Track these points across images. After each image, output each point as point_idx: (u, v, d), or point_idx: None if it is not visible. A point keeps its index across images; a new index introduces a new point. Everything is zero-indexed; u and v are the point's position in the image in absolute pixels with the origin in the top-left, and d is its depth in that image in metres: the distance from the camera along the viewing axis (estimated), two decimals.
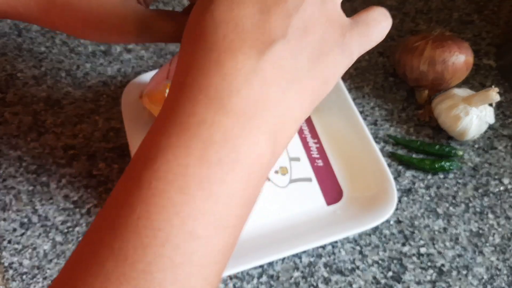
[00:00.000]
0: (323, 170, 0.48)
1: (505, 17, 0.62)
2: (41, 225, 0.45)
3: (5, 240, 0.45)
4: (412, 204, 0.47)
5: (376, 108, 0.53)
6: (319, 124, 0.51)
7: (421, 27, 0.60)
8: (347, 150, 0.48)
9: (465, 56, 0.50)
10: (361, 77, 0.56)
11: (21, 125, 0.52)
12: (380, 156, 0.45)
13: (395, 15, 0.61)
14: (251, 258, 0.40)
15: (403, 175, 0.49)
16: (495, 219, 0.46)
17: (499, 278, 0.43)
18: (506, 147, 0.51)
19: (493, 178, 0.49)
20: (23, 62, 0.57)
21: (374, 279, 0.43)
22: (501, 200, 0.47)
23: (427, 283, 0.43)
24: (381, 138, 0.51)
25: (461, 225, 0.46)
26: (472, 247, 0.45)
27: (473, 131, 0.49)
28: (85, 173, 0.48)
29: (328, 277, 0.43)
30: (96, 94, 0.54)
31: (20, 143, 0.50)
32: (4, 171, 0.49)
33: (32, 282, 0.42)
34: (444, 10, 0.62)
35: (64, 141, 0.51)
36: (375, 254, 0.44)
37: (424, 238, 0.45)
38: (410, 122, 0.52)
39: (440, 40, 0.50)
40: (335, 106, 0.50)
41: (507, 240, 0.45)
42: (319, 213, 0.45)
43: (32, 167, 0.49)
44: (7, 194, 0.47)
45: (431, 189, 0.48)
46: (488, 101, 0.47)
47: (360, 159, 0.47)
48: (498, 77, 0.56)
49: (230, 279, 0.43)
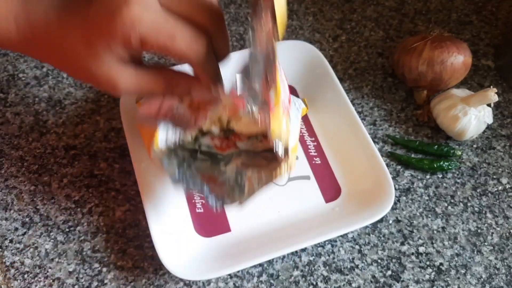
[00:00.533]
0: (321, 168, 0.48)
1: (504, 18, 0.62)
2: (43, 224, 0.46)
3: (7, 239, 0.45)
4: (411, 204, 0.47)
5: (375, 108, 0.54)
6: (316, 122, 0.51)
7: (420, 28, 0.61)
8: (344, 147, 0.49)
9: (464, 57, 0.50)
10: (360, 78, 0.56)
11: (22, 125, 0.52)
12: (377, 152, 0.46)
13: (394, 16, 0.62)
14: (251, 257, 0.41)
15: (402, 175, 0.49)
16: (493, 218, 0.47)
17: (498, 277, 0.43)
18: (504, 147, 0.51)
19: (491, 178, 0.49)
20: (25, 63, 0.57)
21: (373, 278, 0.43)
22: (500, 200, 0.48)
23: (425, 282, 0.43)
24: (380, 138, 0.52)
25: (459, 224, 0.46)
26: (470, 246, 0.45)
27: (472, 131, 0.49)
28: (86, 173, 0.49)
29: (327, 276, 0.43)
30: (97, 95, 0.54)
31: (21, 143, 0.51)
32: (6, 171, 0.49)
33: (33, 281, 0.43)
34: (443, 11, 0.63)
35: (65, 141, 0.51)
36: (374, 253, 0.44)
37: (422, 237, 0.45)
38: (409, 122, 0.53)
39: (438, 41, 0.50)
40: (331, 104, 0.50)
41: (505, 240, 0.45)
42: (317, 210, 0.45)
43: (34, 167, 0.49)
44: (9, 193, 0.48)
45: (429, 188, 0.48)
46: (486, 101, 0.48)
47: (357, 156, 0.47)
48: (497, 77, 0.56)
49: (230, 278, 0.43)
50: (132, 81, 0.35)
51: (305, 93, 0.53)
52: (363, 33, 0.60)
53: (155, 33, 0.32)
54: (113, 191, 0.48)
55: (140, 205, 0.46)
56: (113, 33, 0.32)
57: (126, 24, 0.32)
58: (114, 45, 0.33)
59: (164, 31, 0.32)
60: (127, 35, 0.32)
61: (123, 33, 0.32)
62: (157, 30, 0.32)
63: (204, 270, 0.40)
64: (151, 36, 0.32)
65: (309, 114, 0.51)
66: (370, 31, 0.60)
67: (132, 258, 0.44)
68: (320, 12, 0.63)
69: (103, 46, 0.33)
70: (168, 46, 0.33)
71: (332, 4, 0.64)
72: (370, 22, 0.61)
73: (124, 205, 0.47)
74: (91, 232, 0.45)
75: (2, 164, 0.49)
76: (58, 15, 0.35)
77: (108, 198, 0.47)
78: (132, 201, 0.47)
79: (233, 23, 0.61)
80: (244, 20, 0.62)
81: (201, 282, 0.42)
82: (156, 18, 0.32)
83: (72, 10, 0.34)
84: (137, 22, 0.32)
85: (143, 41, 0.32)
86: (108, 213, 0.46)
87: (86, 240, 0.45)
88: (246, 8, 0.63)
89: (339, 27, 0.61)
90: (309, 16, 0.62)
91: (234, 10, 0.63)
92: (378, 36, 0.60)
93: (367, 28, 0.61)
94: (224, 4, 0.63)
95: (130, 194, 0.47)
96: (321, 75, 0.52)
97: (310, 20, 0.62)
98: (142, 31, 0.32)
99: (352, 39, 0.60)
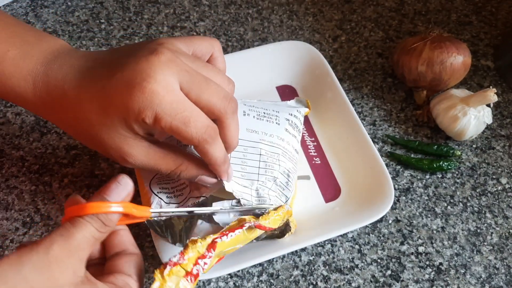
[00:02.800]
0: (321, 168, 0.48)
1: (503, 18, 0.62)
2: (43, 224, 0.46)
3: (8, 239, 0.45)
4: (411, 204, 0.47)
5: (375, 109, 0.54)
6: (316, 123, 0.51)
7: (420, 28, 0.61)
8: (344, 148, 0.49)
9: (463, 57, 0.50)
10: (360, 78, 0.56)
11: (23, 125, 0.52)
12: (376, 152, 0.46)
13: (393, 16, 0.62)
14: (251, 256, 0.41)
15: (401, 175, 0.49)
16: (493, 218, 0.47)
17: (497, 277, 0.43)
18: (503, 147, 0.51)
19: (491, 178, 0.49)
20: None
21: (373, 277, 0.43)
22: (499, 200, 0.48)
23: (425, 281, 0.43)
24: (379, 138, 0.52)
25: (459, 224, 0.46)
26: (470, 246, 0.45)
27: (471, 131, 0.49)
28: (87, 173, 0.49)
29: (327, 276, 0.43)
30: None
31: (22, 143, 0.51)
32: (7, 171, 0.49)
33: None
34: (442, 12, 0.63)
35: (66, 141, 0.51)
36: (374, 253, 0.45)
37: (422, 237, 0.45)
38: (409, 123, 0.53)
39: (438, 41, 0.50)
40: (331, 104, 0.51)
41: (505, 239, 0.46)
42: (317, 210, 0.45)
43: (35, 167, 0.49)
44: (10, 193, 0.48)
45: (429, 188, 0.48)
46: (486, 101, 0.48)
47: (357, 156, 0.47)
48: (496, 77, 0.57)
49: (230, 278, 0.43)
50: (143, 156, 0.35)
51: (305, 93, 0.53)
52: (363, 34, 0.60)
53: (170, 116, 0.32)
54: None
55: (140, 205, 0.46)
56: (129, 108, 0.32)
57: (144, 101, 0.32)
58: (129, 120, 0.33)
59: (179, 116, 0.32)
60: (143, 111, 0.32)
61: (139, 108, 0.32)
62: (174, 113, 0.32)
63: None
64: (166, 118, 0.32)
65: (309, 114, 0.51)
66: (370, 32, 0.61)
67: None
68: (320, 12, 0.63)
69: (119, 118, 0.33)
70: (180, 131, 0.33)
71: (332, 4, 0.64)
72: (369, 23, 0.62)
73: None
74: None
75: (3, 164, 0.50)
76: (77, 83, 0.35)
77: None
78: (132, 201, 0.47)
79: (233, 24, 0.61)
80: (244, 21, 0.62)
81: (201, 282, 0.43)
82: (175, 102, 0.32)
83: (93, 79, 0.34)
84: (155, 100, 0.32)
85: (157, 120, 0.32)
86: None
87: None
88: (246, 8, 0.63)
89: (339, 28, 0.61)
90: (309, 16, 0.62)
91: (234, 11, 0.63)
92: (377, 37, 0.60)
93: (366, 28, 0.61)
94: (224, 4, 0.63)
95: None
96: (321, 75, 0.52)
97: (310, 21, 0.62)
98: (159, 111, 0.32)
99: (352, 40, 0.60)
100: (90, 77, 0.34)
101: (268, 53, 0.54)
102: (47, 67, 0.35)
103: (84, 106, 0.34)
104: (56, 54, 0.36)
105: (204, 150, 0.35)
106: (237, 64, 0.51)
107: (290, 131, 0.44)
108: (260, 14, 0.63)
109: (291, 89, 0.54)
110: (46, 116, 0.37)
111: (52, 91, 0.35)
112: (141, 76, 0.32)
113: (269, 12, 0.63)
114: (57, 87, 0.35)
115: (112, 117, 0.33)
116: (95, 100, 0.33)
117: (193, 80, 0.33)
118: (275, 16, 0.62)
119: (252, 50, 0.54)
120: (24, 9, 0.62)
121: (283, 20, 0.62)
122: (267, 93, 0.53)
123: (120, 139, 0.34)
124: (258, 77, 0.53)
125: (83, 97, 0.34)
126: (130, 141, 0.34)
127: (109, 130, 0.34)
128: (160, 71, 0.32)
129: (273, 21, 0.62)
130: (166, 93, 0.32)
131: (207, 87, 0.34)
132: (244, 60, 0.53)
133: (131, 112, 0.32)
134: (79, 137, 0.37)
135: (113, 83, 0.33)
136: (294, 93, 0.53)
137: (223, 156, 0.36)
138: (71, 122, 0.36)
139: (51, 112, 0.36)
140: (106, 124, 0.33)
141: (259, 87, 0.53)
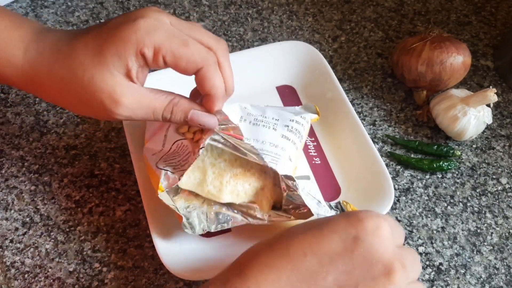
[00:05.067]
0: (321, 168, 0.48)
1: (503, 18, 0.62)
2: (43, 224, 0.46)
3: (7, 239, 0.45)
4: (411, 204, 0.47)
5: (374, 109, 0.54)
6: (316, 123, 0.51)
7: (419, 29, 0.61)
8: (343, 148, 0.49)
9: (463, 57, 0.50)
10: (360, 78, 0.56)
11: (23, 125, 0.52)
12: (376, 152, 0.46)
13: (393, 16, 0.62)
14: None
15: (401, 175, 0.49)
16: (493, 218, 0.47)
17: (497, 277, 0.43)
18: (503, 147, 0.51)
19: (491, 178, 0.49)
20: None
21: None
22: (499, 200, 0.48)
23: (425, 281, 0.43)
24: (379, 138, 0.52)
25: (459, 224, 0.46)
26: (470, 246, 0.45)
27: (471, 131, 0.49)
28: (86, 173, 0.49)
29: None
30: None
31: (22, 143, 0.51)
32: (6, 171, 0.49)
33: (34, 281, 0.43)
34: (442, 12, 0.63)
35: (66, 141, 0.51)
36: None
37: (422, 237, 0.45)
38: (409, 123, 0.53)
39: (438, 41, 0.50)
40: (331, 104, 0.50)
41: (505, 239, 0.46)
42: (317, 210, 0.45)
43: (34, 167, 0.49)
44: (9, 193, 0.48)
45: (429, 188, 0.48)
46: (486, 101, 0.48)
47: (357, 156, 0.47)
48: (496, 77, 0.57)
49: None
50: (136, 97, 0.35)
51: (305, 93, 0.53)
52: (363, 34, 0.61)
53: (169, 41, 0.34)
54: (113, 191, 0.48)
55: (140, 205, 0.46)
56: (126, 40, 0.33)
57: (141, 31, 0.33)
58: (125, 53, 0.33)
59: (178, 40, 0.34)
60: (141, 42, 0.33)
61: (137, 39, 0.33)
62: (172, 38, 0.34)
63: (204, 270, 0.40)
64: (166, 44, 0.34)
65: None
66: (370, 32, 0.61)
67: (132, 258, 0.44)
68: (319, 12, 0.63)
69: (114, 55, 0.34)
70: (181, 54, 0.34)
71: (331, 5, 0.64)
72: (369, 23, 0.62)
73: (124, 205, 0.47)
74: (91, 232, 0.45)
75: (3, 164, 0.50)
76: (71, 37, 0.36)
77: (109, 198, 0.47)
78: (132, 201, 0.47)
79: (233, 24, 0.61)
80: (244, 21, 0.62)
81: (201, 282, 0.43)
82: (170, 30, 0.34)
83: (87, 31, 0.36)
84: (152, 30, 0.33)
85: (156, 49, 0.33)
86: (108, 213, 0.46)
87: (87, 240, 0.45)
88: (246, 8, 0.63)
89: (339, 28, 0.61)
90: (308, 16, 0.62)
91: (234, 11, 0.63)
92: (377, 37, 0.60)
93: (366, 28, 0.61)
94: (224, 5, 0.63)
95: (130, 194, 0.47)
96: (321, 75, 0.52)
97: (310, 21, 0.62)
98: (157, 40, 0.33)
99: (352, 40, 0.60)
100: (84, 31, 0.36)
101: (268, 53, 0.54)
102: (39, 35, 0.37)
103: (79, 52, 0.35)
104: (47, 28, 0.38)
105: (208, 74, 0.35)
106: (237, 64, 0.51)
107: (289, 137, 0.43)
108: (260, 14, 0.63)
109: (291, 89, 0.54)
110: (34, 86, 0.38)
111: (44, 49, 0.36)
112: (135, 16, 0.34)
113: (269, 12, 0.63)
114: (51, 44, 0.36)
115: (106, 55, 0.34)
116: (90, 43, 0.35)
117: (181, 22, 0.36)
118: (275, 16, 0.62)
119: (252, 50, 0.54)
120: (24, 9, 0.62)
121: (283, 20, 0.62)
122: (267, 93, 0.53)
123: (113, 81, 0.34)
124: (258, 77, 0.53)
125: (78, 46, 0.35)
126: (122, 82, 0.35)
127: (102, 71, 0.34)
128: (151, 13, 0.34)
129: (273, 21, 0.62)
130: (161, 25, 0.34)
131: (196, 29, 0.36)
132: (244, 60, 0.53)
133: (129, 45, 0.33)
134: (67, 98, 0.37)
135: (109, 25, 0.35)
136: (294, 93, 0.53)
137: (223, 88, 0.37)
138: (61, 83, 0.36)
139: (40, 78, 0.36)
140: (100, 63, 0.34)
141: (259, 87, 0.53)
